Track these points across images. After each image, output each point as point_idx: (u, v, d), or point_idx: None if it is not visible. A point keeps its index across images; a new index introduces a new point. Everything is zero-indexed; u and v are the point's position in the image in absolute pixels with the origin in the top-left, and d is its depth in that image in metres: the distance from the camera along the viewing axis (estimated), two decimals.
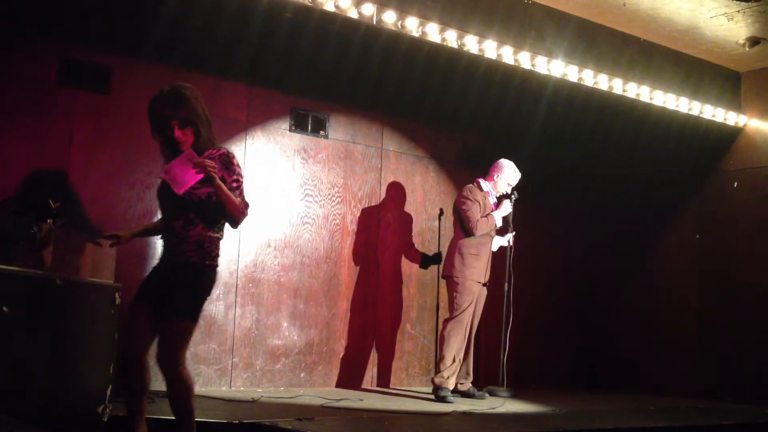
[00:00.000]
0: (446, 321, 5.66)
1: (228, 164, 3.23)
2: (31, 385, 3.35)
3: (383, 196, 6.46)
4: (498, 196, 5.85)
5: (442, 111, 6.60)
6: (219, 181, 3.13)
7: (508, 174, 5.81)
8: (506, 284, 6.21)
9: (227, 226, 3.31)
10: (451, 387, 5.53)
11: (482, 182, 5.81)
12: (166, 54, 5.22)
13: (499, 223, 5.77)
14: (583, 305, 7.63)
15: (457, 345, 5.54)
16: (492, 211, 5.74)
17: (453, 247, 5.77)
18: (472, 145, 6.75)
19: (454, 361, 5.51)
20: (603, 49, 5.99)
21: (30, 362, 3.35)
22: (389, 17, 4.87)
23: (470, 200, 5.68)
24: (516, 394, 6.01)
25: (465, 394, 5.72)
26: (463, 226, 5.70)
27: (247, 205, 3.26)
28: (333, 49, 5.22)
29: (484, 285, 5.76)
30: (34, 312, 3.41)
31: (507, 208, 5.84)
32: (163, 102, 3.21)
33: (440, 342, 5.65)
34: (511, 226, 5.99)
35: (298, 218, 5.98)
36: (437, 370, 5.62)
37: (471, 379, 5.83)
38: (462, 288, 5.61)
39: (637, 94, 6.15)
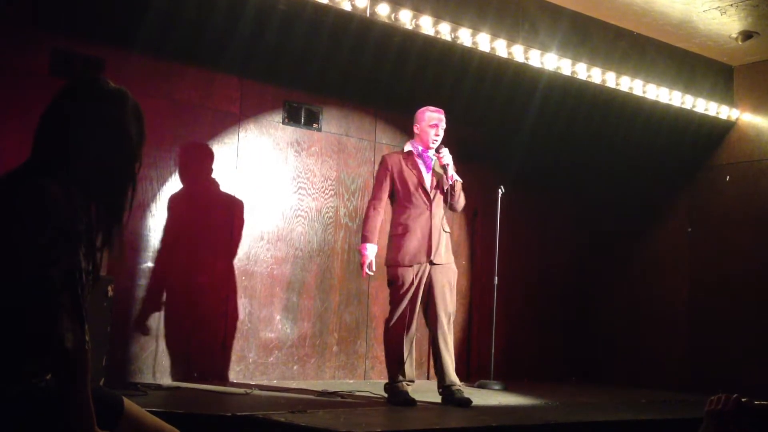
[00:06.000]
0: (385, 321, 4.80)
1: None
2: None
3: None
4: (436, 148, 4.85)
5: (436, 104, 6.57)
6: None
7: (422, 118, 4.92)
8: (495, 277, 6.20)
9: None
10: (408, 389, 4.74)
11: (408, 145, 4.98)
12: (159, 46, 5.20)
13: (370, 256, 4.76)
14: (576, 298, 7.64)
15: (392, 348, 4.70)
16: (425, 170, 4.84)
17: None
18: (465, 138, 6.73)
19: (397, 366, 4.70)
20: (596, 43, 5.99)
21: None
22: (383, 9, 4.86)
23: (379, 175, 4.92)
24: (508, 387, 6.02)
25: (447, 398, 4.74)
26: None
27: None
28: (326, 41, 5.20)
29: (432, 264, 4.72)
30: None
31: (447, 157, 4.79)
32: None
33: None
34: (449, 176, 4.81)
35: (291, 211, 5.97)
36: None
37: (450, 379, 4.74)
38: (391, 276, 4.75)
39: (630, 88, 6.16)
